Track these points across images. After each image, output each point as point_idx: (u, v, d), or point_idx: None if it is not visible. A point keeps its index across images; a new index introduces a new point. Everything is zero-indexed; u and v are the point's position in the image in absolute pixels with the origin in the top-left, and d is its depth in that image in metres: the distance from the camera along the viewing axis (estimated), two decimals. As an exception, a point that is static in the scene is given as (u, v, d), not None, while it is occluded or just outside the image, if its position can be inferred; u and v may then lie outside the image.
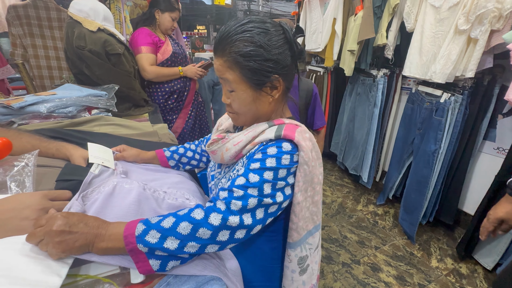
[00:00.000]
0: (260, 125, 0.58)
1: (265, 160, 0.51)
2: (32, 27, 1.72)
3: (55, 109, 1.02)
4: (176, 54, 1.75)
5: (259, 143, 0.56)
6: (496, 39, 1.29)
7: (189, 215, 0.46)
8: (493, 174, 1.45)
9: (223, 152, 0.60)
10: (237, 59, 0.52)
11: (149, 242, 0.43)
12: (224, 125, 0.71)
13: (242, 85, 0.54)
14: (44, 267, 0.38)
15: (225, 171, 0.64)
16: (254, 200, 0.48)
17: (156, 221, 0.45)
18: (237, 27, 0.52)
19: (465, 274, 1.60)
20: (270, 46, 0.52)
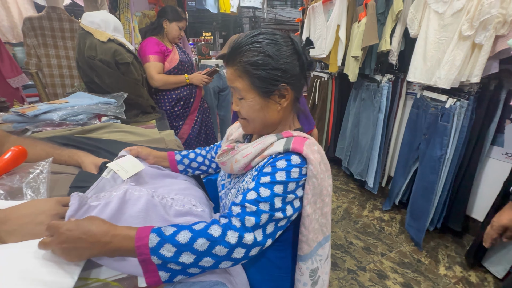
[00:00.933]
0: (269, 138, 0.60)
1: (275, 173, 0.52)
2: (46, 38, 1.80)
3: (67, 117, 1.06)
4: (183, 62, 1.80)
5: (268, 156, 0.57)
6: (501, 44, 1.29)
7: (206, 231, 0.46)
8: (501, 180, 1.42)
9: (233, 163, 0.61)
10: (247, 68, 0.55)
11: (164, 256, 0.43)
12: (234, 135, 0.73)
13: (251, 93, 0.57)
14: (58, 269, 0.40)
15: (234, 181, 0.66)
16: (265, 215, 0.49)
17: (170, 234, 0.45)
18: (248, 38, 0.55)
19: (475, 282, 1.56)
20: (278, 56, 0.55)
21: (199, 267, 0.45)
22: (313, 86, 2.77)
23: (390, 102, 2.04)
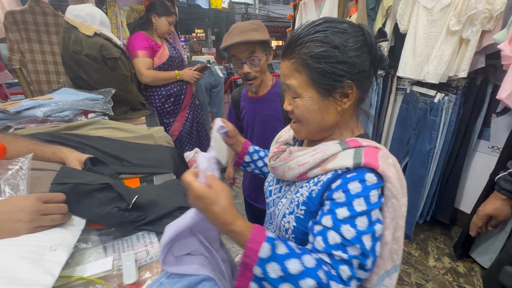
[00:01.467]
0: (331, 146, 0.50)
1: (352, 203, 0.44)
2: (29, 33, 1.74)
3: (52, 113, 1.03)
4: (173, 58, 1.77)
5: (333, 170, 0.48)
6: (488, 39, 1.31)
7: (316, 273, 0.40)
8: (488, 172, 1.46)
9: (285, 170, 0.54)
10: (307, 60, 0.47)
11: (267, 273, 0.40)
12: (284, 137, 0.66)
13: (309, 90, 0.49)
14: (37, 267, 0.38)
15: (285, 189, 0.59)
16: (356, 261, 0.42)
17: (281, 254, 0.41)
18: (309, 28, 0.48)
19: (462, 272, 1.60)
20: (346, 47, 0.46)
21: None
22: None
23: (380, 98, 2.06)
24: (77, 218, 0.54)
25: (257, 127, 1.13)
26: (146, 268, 0.50)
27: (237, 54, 0.96)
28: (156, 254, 0.54)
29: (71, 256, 0.50)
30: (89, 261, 0.49)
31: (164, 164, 0.89)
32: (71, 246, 0.47)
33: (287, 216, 0.54)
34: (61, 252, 0.43)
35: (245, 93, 1.18)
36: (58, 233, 0.47)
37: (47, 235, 0.46)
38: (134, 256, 0.50)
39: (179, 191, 0.71)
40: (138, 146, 0.97)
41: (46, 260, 0.40)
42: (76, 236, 0.50)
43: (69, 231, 0.50)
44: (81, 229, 0.52)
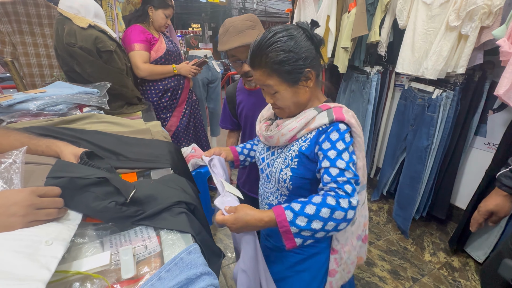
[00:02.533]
0: (309, 112, 0.68)
1: (336, 145, 0.63)
2: (21, 24, 1.69)
3: (45, 107, 1.00)
4: (170, 51, 1.74)
5: (315, 128, 0.67)
6: (486, 35, 1.31)
7: (325, 202, 0.58)
8: (484, 168, 1.48)
9: (279, 137, 0.70)
10: (274, 67, 0.62)
11: (299, 225, 0.57)
12: (266, 115, 0.82)
13: (282, 85, 0.65)
14: (33, 261, 0.37)
15: (277, 152, 0.76)
16: (353, 180, 0.60)
17: (299, 209, 0.58)
18: (266, 40, 0.62)
19: (457, 267, 1.63)
20: (297, 48, 0.62)
21: (324, 230, 0.57)
22: (303, 78, 2.76)
23: (378, 94, 2.06)
24: (73, 213, 0.52)
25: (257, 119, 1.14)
26: (144, 262, 0.50)
27: (236, 54, 0.97)
28: (154, 249, 0.53)
29: (67, 251, 0.49)
30: (86, 255, 0.48)
31: (161, 159, 0.88)
32: (68, 240, 0.46)
33: (284, 170, 0.72)
34: (57, 247, 0.42)
35: (241, 87, 1.18)
36: (54, 228, 0.46)
37: (42, 229, 0.44)
38: (132, 250, 0.49)
39: (177, 186, 0.70)
40: (135, 140, 0.95)
41: (42, 254, 0.39)
42: (73, 230, 0.48)
43: (65, 225, 0.48)
44: (77, 223, 0.51)
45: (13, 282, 0.34)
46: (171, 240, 0.54)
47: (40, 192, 0.47)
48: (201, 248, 0.54)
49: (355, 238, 0.78)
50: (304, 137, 0.69)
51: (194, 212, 0.67)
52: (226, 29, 0.96)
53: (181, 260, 0.48)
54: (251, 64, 0.66)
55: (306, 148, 0.68)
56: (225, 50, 0.95)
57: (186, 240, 0.55)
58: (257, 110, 1.16)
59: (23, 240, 0.41)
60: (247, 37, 0.94)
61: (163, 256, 0.50)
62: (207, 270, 0.48)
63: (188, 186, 0.73)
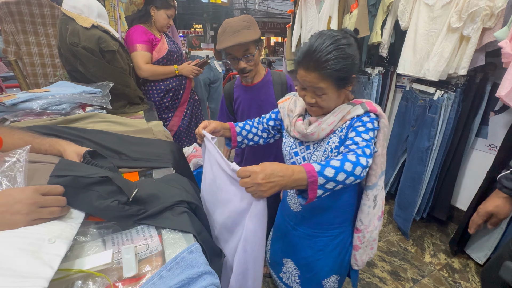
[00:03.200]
0: (344, 107, 0.75)
1: (366, 125, 0.71)
2: (25, 24, 1.70)
3: (48, 106, 1.01)
4: (172, 52, 1.74)
5: (351, 118, 0.74)
6: (488, 37, 1.31)
7: (347, 158, 0.63)
8: (485, 170, 1.47)
9: (319, 132, 0.77)
10: (330, 73, 0.67)
11: (327, 176, 0.60)
12: (297, 110, 0.85)
13: (333, 89, 0.70)
14: (36, 259, 0.38)
15: (314, 146, 0.81)
16: (370, 148, 0.67)
17: (325, 163, 0.63)
18: (326, 47, 0.66)
19: (458, 268, 1.62)
20: (352, 57, 0.69)
21: (344, 183, 0.63)
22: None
23: (380, 95, 2.06)
24: (76, 211, 0.53)
25: (253, 114, 1.20)
26: (146, 261, 0.50)
27: (232, 52, 1.05)
28: (156, 248, 0.53)
29: (70, 249, 0.49)
30: (88, 254, 0.49)
31: (163, 158, 0.89)
32: (70, 238, 0.46)
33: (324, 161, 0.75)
34: (60, 245, 0.43)
35: (238, 83, 1.23)
36: (57, 226, 0.47)
37: (45, 227, 0.45)
38: (134, 249, 0.49)
39: (179, 185, 0.70)
40: (137, 140, 0.96)
41: (45, 252, 0.40)
42: (75, 229, 0.49)
43: (68, 224, 0.49)
44: (80, 221, 0.51)
45: (17, 279, 0.35)
46: (173, 239, 0.54)
47: (44, 190, 0.47)
48: (202, 248, 0.54)
49: (376, 219, 0.86)
50: (341, 128, 0.76)
51: (196, 211, 0.68)
52: (224, 29, 1.03)
53: (183, 259, 0.48)
54: (306, 67, 0.69)
55: (344, 136, 0.75)
56: (222, 48, 1.02)
57: (188, 240, 0.55)
58: (253, 105, 1.21)
59: (27, 237, 0.42)
60: (241, 36, 1.01)
61: (165, 255, 0.51)
62: (208, 269, 0.48)
63: (189, 185, 0.74)
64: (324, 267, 0.92)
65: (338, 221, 0.89)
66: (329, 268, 0.93)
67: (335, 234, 0.90)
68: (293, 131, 0.84)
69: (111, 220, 0.58)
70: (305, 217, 0.91)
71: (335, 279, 0.95)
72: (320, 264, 0.92)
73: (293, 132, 0.83)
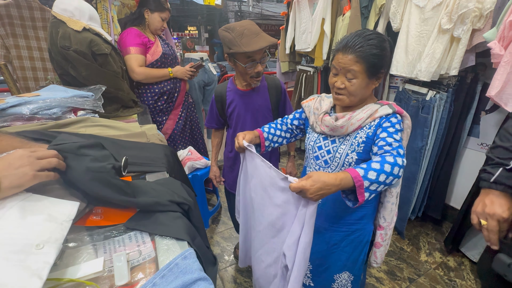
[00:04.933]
0: (371, 106, 0.81)
1: (395, 126, 0.77)
2: (14, 27, 1.67)
3: (39, 111, 0.99)
4: (166, 55, 1.73)
5: (380, 117, 0.79)
6: (478, 37, 1.34)
7: (385, 160, 0.69)
8: (477, 169, 1.47)
9: (348, 126, 0.81)
10: (365, 56, 0.74)
11: (370, 178, 0.66)
12: (323, 108, 0.89)
13: (364, 75, 0.76)
14: (24, 269, 0.37)
15: (340, 140, 0.86)
16: (402, 149, 0.73)
17: (366, 166, 0.67)
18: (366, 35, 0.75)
19: (453, 267, 1.64)
20: (387, 51, 0.76)
21: (385, 184, 0.68)
22: (299, 80, 2.78)
23: (374, 96, 2.08)
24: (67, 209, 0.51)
25: (249, 118, 1.22)
26: (138, 268, 0.49)
27: (253, 55, 1.06)
28: (149, 254, 0.52)
29: (60, 258, 0.48)
30: (79, 262, 0.48)
31: (157, 162, 0.87)
32: (60, 241, 0.44)
33: (350, 154, 0.83)
34: (49, 250, 0.41)
35: (232, 87, 1.22)
36: (46, 228, 0.45)
37: (33, 230, 0.43)
38: (126, 256, 0.48)
39: (171, 191, 0.69)
40: (130, 144, 0.94)
41: (33, 260, 0.38)
42: (66, 229, 0.47)
43: (58, 224, 0.47)
44: (71, 219, 0.49)
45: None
46: (166, 245, 0.53)
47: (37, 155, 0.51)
48: (196, 253, 0.54)
49: (395, 216, 0.91)
50: (368, 125, 0.81)
51: (189, 213, 0.67)
52: (240, 32, 1.02)
53: (176, 265, 0.47)
54: (344, 49, 0.75)
55: (372, 133, 0.80)
56: (255, 50, 1.01)
57: (181, 245, 0.54)
58: (249, 110, 1.22)
59: (13, 245, 0.40)
60: (268, 39, 1.05)
61: (158, 262, 0.50)
62: (203, 275, 0.47)
63: (181, 188, 0.73)
64: (337, 262, 0.95)
65: (356, 217, 0.91)
66: (342, 263, 0.95)
67: (352, 230, 0.92)
68: (320, 126, 0.88)
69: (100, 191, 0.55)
70: (324, 210, 0.94)
71: (347, 277, 0.97)
72: (334, 258, 0.95)
73: (320, 127, 0.88)
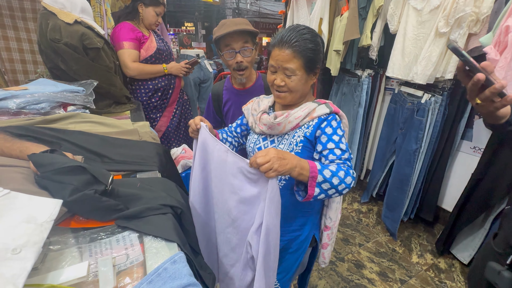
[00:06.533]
0: (309, 105, 0.80)
1: (337, 131, 0.76)
2: (3, 18, 1.61)
3: (26, 105, 0.95)
4: (161, 50, 1.70)
5: (318, 117, 0.78)
6: (474, 42, 1.35)
7: (341, 167, 0.70)
8: (469, 172, 1.51)
9: (286, 124, 0.80)
10: (301, 51, 0.73)
11: (325, 176, 0.66)
12: (262, 107, 0.88)
13: (302, 70, 0.76)
14: (-3, 277, 0.34)
15: (278, 140, 0.84)
16: (350, 161, 0.74)
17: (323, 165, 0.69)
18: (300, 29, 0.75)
19: (443, 268, 1.66)
20: (319, 46, 0.77)
21: (336, 189, 0.68)
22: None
23: (369, 97, 2.09)
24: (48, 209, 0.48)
25: None
26: (125, 273, 0.47)
27: (231, 43, 1.05)
28: (137, 258, 0.50)
29: (41, 261, 0.46)
30: (61, 266, 0.45)
31: (148, 161, 0.85)
32: (40, 244, 0.41)
33: None
34: (26, 254, 0.38)
35: (229, 86, 1.21)
36: (24, 230, 0.42)
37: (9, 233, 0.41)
38: (112, 260, 0.46)
39: (163, 190, 0.67)
40: (120, 141, 0.92)
41: (8, 266, 0.36)
42: (46, 231, 0.44)
43: (37, 225, 0.44)
44: (52, 219, 0.46)
45: None
46: (155, 249, 0.51)
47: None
48: (187, 257, 0.52)
49: (339, 213, 0.95)
50: (307, 124, 0.80)
51: (181, 216, 0.65)
52: (223, 23, 1.06)
53: (165, 270, 0.46)
54: (280, 44, 0.75)
55: (310, 133, 0.79)
56: (221, 35, 1.01)
57: (171, 248, 0.52)
58: None
59: None
60: (243, 26, 1.03)
61: (146, 266, 0.48)
62: (193, 281, 0.45)
63: (175, 189, 0.71)
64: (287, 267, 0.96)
65: (299, 223, 0.91)
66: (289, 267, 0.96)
67: (293, 236, 0.92)
68: (258, 125, 0.86)
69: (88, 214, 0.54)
70: None
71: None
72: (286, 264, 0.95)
73: (259, 127, 0.86)
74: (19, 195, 0.47)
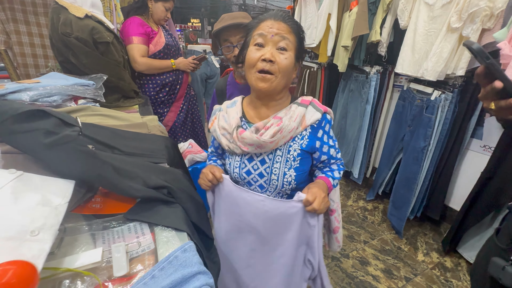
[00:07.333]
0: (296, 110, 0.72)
1: (329, 133, 0.77)
2: (15, 12, 1.64)
3: (39, 98, 0.97)
4: (169, 46, 1.71)
5: (310, 125, 0.73)
6: (487, 37, 1.31)
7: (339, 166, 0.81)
8: (479, 171, 1.48)
9: (280, 140, 0.70)
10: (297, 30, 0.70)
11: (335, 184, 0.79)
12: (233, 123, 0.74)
13: (293, 51, 0.68)
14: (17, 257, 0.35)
15: (270, 158, 0.73)
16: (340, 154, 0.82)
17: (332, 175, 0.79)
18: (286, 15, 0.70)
19: (450, 267, 1.64)
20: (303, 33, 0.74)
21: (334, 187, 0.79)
22: (303, 76, 2.75)
23: (377, 94, 2.06)
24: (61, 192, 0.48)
25: None
26: (137, 260, 0.48)
27: (228, 37, 1.03)
28: (148, 246, 0.51)
29: (58, 246, 0.47)
30: (76, 252, 0.47)
31: (157, 153, 0.86)
32: (56, 227, 0.42)
33: (288, 172, 0.73)
34: (44, 236, 0.39)
35: (232, 81, 1.21)
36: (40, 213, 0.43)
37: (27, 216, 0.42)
38: (125, 247, 0.48)
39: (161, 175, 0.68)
40: (130, 134, 0.93)
41: (28, 247, 0.37)
42: (61, 214, 0.45)
43: (52, 208, 0.45)
44: (66, 201, 0.47)
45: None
46: (166, 238, 0.53)
47: None
48: (196, 246, 0.53)
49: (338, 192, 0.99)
50: (300, 135, 0.73)
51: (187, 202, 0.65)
52: (221, 18, 1.07)
53: (176, 258, 0.47)
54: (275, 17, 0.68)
55: (307, 144, 0.73)
56: (219, 29, 1.02)
57: (181, 238, 0.53)
58: None
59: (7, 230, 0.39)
60: (240, 20, 1.01)
61: (157, 254, 0.49)
62: (202, 269, 0.47)
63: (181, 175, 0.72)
64: None
65: None
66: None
67: None
68: (240, 146, 0.72)
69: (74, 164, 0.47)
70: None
71: None
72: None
73: (242, 148, 0.71)
74: (32, 176, 0.48)
